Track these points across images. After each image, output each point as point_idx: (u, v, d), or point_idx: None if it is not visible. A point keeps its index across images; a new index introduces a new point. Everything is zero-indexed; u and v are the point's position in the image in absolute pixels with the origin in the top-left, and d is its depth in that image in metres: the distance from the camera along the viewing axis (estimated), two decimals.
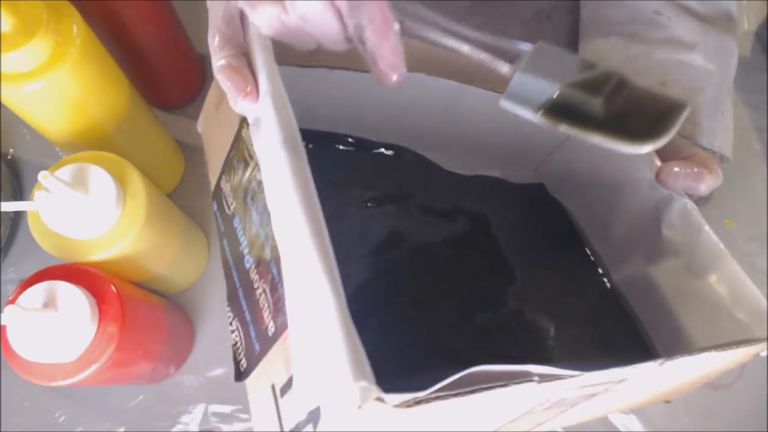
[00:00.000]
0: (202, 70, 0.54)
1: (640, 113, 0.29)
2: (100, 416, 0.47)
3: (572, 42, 0.44)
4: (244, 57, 0.28)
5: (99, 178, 0.35)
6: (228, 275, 0.32)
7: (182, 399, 0.48)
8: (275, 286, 0.26)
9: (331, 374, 0.21)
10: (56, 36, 0.33)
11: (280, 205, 0.25)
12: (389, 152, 0.43)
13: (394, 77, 0.26)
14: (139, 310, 0.39)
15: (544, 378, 0.25)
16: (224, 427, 0.47)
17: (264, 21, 0.26)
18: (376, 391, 0.20)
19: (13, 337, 0.33)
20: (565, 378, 0.25)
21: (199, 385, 0.48)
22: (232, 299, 0.31)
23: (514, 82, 0.29)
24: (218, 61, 0.28)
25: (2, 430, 0.47)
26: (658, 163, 0.37)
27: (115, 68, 0.40)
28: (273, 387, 0.27)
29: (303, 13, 0.25)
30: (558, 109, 0.29)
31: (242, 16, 0.29)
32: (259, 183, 0.27)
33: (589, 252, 0.44)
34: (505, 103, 0.30)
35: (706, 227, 0.35)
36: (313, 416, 0.22)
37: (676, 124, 0.28)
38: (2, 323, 0.32)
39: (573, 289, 0.43)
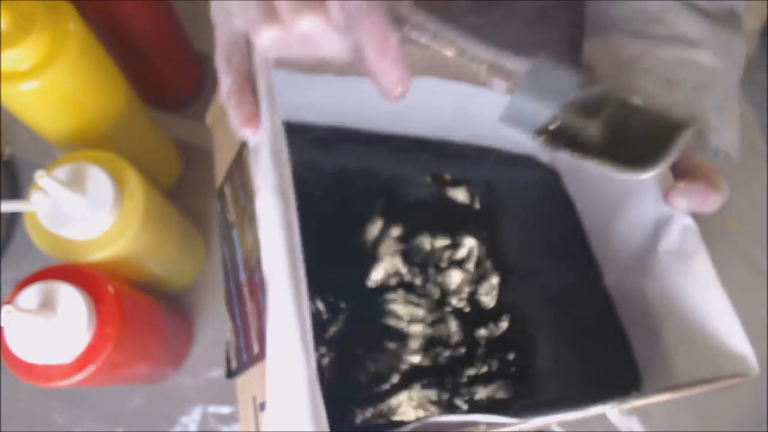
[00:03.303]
0: (200, 69, 0.53)
1: (639, 136, 0.28)
2: (98, 418, 0.47)
3: (575, 41, 0.44)
4: (249, 82, 0.29)
5: (96, 177, 0.35)
6: (225, 278, 0.33)
7: (181, 400, 0.48)
8: (260, 313, 0.26)
9: None
10: (53, 34, 0.33)
11: (268, 247, 0.26)
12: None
13: (398, 91, 0.26)
14: (137, 311, 0.39)
15: (491, 426, 0.26)
16: (223, 428, 0.47)
17: (267, 43, 0.27)
18: None
19: (9, 338, 0.33)
20: (511, 426, 0.27)
21: (198, 386, 0.48)
22: (228, 301, 0.32)
23: (511, 103, 0.28)
24: (224, 83, 0.29)
25: None
26: (670, 179, 0.36)
27: (113, 67, 0.39)
28: (254, 399, 0.27)
29: (304, 33, 0.26)
30: (556, 133, 0.28)
31: (248, 38, 0.29)
32: (253, 214, 0.27)
33: (589, 254, 0.44)
34: (503, 123, 0.29)
35: (702, 253, 0.34)
36: None
37: (676, 147, 0.27)
38: None
39: (571, 291, 0.42)
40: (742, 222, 0.33)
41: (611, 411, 0.30)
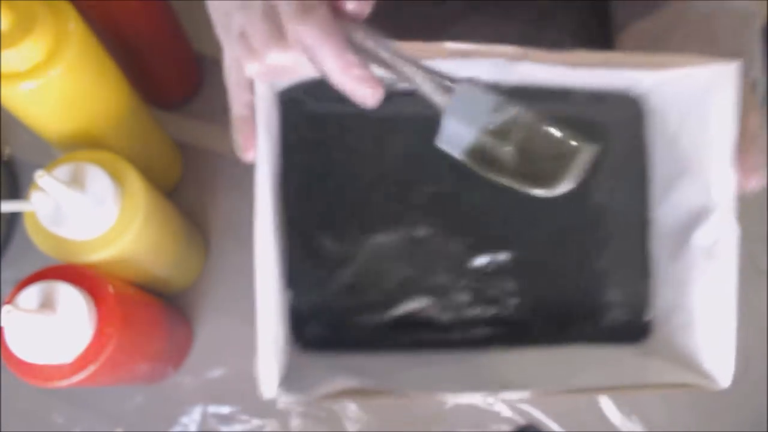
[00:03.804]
0: (200, 69, 0.53)
1: (547, 157, 0.30)
2: (98, 417, 0.47)
3: (577, 40, 0.44)
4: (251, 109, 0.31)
5: (96, 177, 0.35)
6: None
7: (181, 400, 0.48)
8: None
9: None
10: (53, 34, 0.33)
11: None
12: None
13: (371, 102, 0.28)
14: (137, 311, 0.39)
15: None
16: (223, 428, 0.47)
17: (254, 74, 0.30)
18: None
19: (9, 338, 0.33)
20: None
21: (198, 386, 0.48)
22: None
23: (443, 124, 0.29)
24: (233, 107, 0.31)
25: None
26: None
27: (113, 67, 0.39)
28: None
29: (275, 65, 0.28)
30: (477, 154, 0.30)
31: None
32: None
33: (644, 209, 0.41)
34: (440, 144, 0.30)
35: (730, 265, 0.34)
36: None
37: (578, 168, 0.29)
38: None
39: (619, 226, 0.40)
40: (742, 220, 0.33)
41: (611, 410, 0.30)
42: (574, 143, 0.29)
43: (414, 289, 0.38)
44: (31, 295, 0.33)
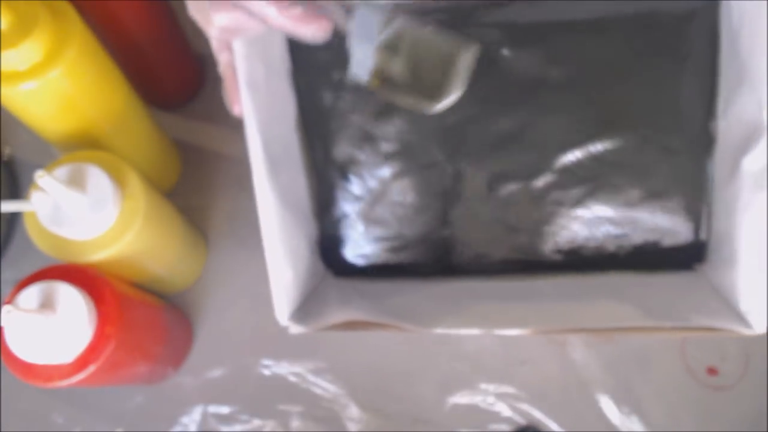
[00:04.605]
0: (200, 69, 0.53)
1: (435, 66, 0.28)
2: (98, 418, 0.47)
3: None
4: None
5: (96, 177, 0.35)
6: None
7: (181, 400, 0.48)
8: None
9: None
10: (53, 35, 0.33)
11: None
12: None
13: (320, 37, 0.28)
14: (137, 311, 0.39)
15: None
16: (223, 428, 0.47)
17: (214, 38, 0.30)
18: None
19: (10, 338, 0.33)
20: None
21: (198, 386, 0.48)
22: None
23: (351, 50, 0.29)
24: (220, 58, 0.32)
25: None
26: None
27: (113, 67, 0.39)
28: None
29: (226, 27, 0.29)
30: (380, 76, 0.29)
31: None
32: None
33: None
34: (351, 74, 0.30)
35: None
36: None
37: (460, 73, 0.28)
38: None
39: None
40: None
41: (611, 410, 0.29)
42: (452, 46, 0.28)
43: (438, 219, 0.39)
44: (31, 295, 0.33)
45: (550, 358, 0.48)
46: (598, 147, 0.37)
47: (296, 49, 0.36)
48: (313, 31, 0.28)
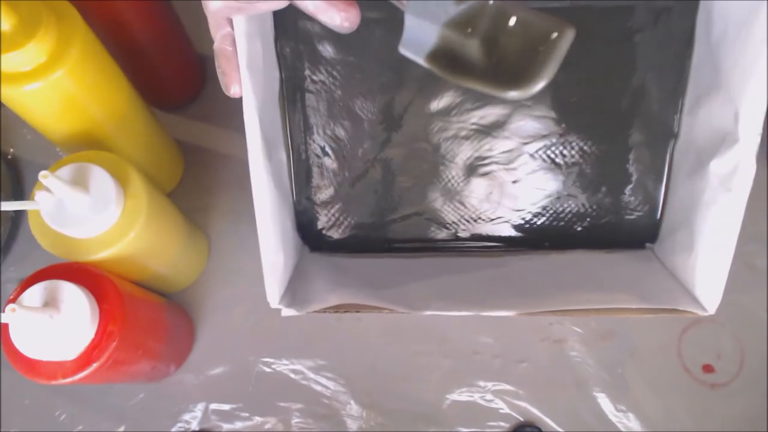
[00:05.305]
0: (202, 70, 0.54)
1: (519, 49, 0.25)
2: (101, 415, 0.48)
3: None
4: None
5: (99, 177, 0.35)
6: None
7: (183, 397, 0.48)
8: None
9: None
10: (56, 36, 0.33)
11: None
12: None
13: (346, 27, 0.27)
14: (140, 309, 0.39)
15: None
16: (224, 425, 0.47)
17: (217, 12, 0.28)
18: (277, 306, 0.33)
19: (14, 336, 0.33)
20: None
21: (200, 384, 0.48)
22: None
23: (406, 26, 0.26)
24: (214, 40, 0.30)
25: (3, 428, 0.47)
26: None
27: (115, 68, 0.40)
28: None
29: (213, 11, 0.28)
30: (442, 55, 0.26)
31: None
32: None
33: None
34: (402, 51, 0.27)
35: (738, 200, 0.32)
36: None
37: (556, 58, 0.24)
38: (3, 322, 0.32)
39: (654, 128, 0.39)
40: None
41: (609, 408, 0.30)
42: (548, 28, 0.24)
43: (416, 197, 0.40)
44: (34, 293, 0.33)
45: (547, 356, 0.48)
46: (564, 134, 0.39)
47: (281, 20, 0.36)
48: (344, 18, 0.26)
